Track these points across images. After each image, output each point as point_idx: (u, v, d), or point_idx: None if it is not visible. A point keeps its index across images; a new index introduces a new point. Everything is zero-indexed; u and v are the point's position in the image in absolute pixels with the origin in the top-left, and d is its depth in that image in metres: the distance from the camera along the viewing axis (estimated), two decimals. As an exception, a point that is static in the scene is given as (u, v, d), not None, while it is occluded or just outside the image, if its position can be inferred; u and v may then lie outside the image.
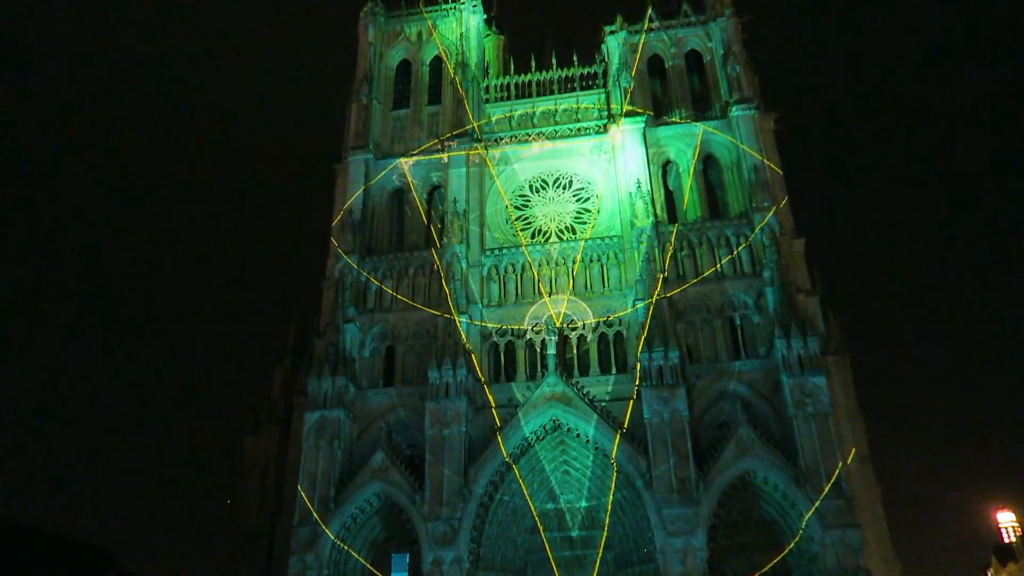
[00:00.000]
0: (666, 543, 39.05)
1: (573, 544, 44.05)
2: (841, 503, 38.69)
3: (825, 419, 40.64)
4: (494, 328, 48.52)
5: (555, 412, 43.47)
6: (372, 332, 49.67)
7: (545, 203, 54.08)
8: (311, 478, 43.72)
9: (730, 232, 48.55)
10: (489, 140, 55.22)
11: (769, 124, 52.26)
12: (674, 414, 41.53)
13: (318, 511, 42.64)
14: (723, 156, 52.40)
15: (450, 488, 42.06)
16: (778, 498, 40.72)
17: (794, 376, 41.61)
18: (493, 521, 43.16)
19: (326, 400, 45.50)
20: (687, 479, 40.15)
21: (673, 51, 57.08)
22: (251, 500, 52.43)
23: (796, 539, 39.89)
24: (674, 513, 39.55)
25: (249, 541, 50.86)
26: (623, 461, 41.66)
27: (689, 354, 45.35)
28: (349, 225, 52.15)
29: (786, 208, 48.93)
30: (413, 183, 55.01)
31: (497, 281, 50.21)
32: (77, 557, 47.28)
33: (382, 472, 43.31)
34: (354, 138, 56.35)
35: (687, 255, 48.43)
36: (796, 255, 47.71)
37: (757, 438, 40.74)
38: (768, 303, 44.82)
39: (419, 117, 58.28)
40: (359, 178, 54.49)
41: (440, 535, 41.16)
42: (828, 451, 39.82)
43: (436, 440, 43.27)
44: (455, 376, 44.61)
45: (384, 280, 51.20)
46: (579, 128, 54.87)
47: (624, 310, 47.19)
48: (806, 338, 42.24)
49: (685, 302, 46.88)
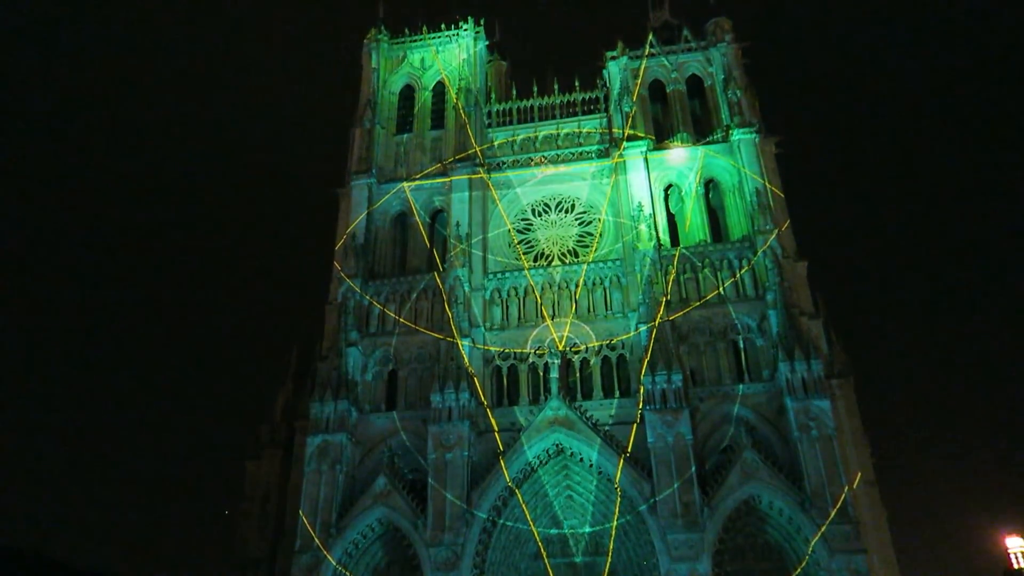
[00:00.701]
0: (671, 569, 38.68)
1: (577, 570, 43.62)
2: (847, 528, 38.33)
3: (830, 443, 40.39)
4: (497, 352, 48.45)
5: (558, 436, 43.27)
6: (375, 356, 49.63)
7: (547, 227, 54.26)
8: (313, 503, 43.48)
9: (732, 255, 48.60)
10: (492, 164, 55.54)
11: (770, 147, 52.54)
12: (678, 438, 41.31)
13: (320, 536, 42.36)
14: (725, 180, 52.64)
15: (453, 513, 41.79)
16: (783, 523, 40.35)
17: (798, 399, 41.42)
18: (496, 546, 42.79)
19: (328, 424, 45.38)
20: (691, 504, 39.84)
21: (674, 76, 57.54)
22: (252, 525, 52.09)
23: (802, 565, 39.46)
24: (679, 538, 39.20)
25: (250, 566, 50.44)
26: (627, 485, 41.39)
27: (692, 377, 45.21)
28: (352, 249, 52.35)
29: (788, 231, 49.04)
30: (416, 207, 55.28)
31: (500, 304, 50.23)
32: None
33: (384, 497, 43.07)
34: (357, 163, 56.75)
35: (690, 278, 48.43)
36: (799, 278, 47.71)
37: (762, 462, 40.47)
38: (771, 326, 44.74)
39: (422, 142, 58.72)
40: (362, 202, 54.80)
41: (443, 560, 40.82)
42: (833, 475, 39.52)
43: (439, 464, 43.06)
44: (458, 400, 44.49)
45: (387, 304, 51.26)
46: (581, 152, 55.21)
47: (627, 333, 47.12)
48: (810, 361, 42.09)
49: (688, 325, 46.82)
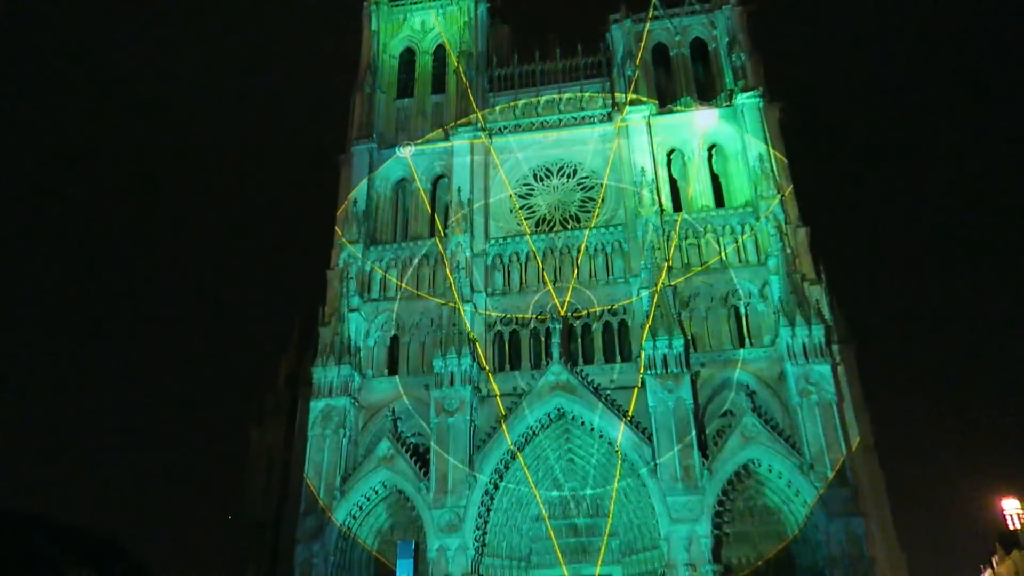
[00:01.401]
0: (671, 530, 39.18)
1: (578, 531, 44.24)
2: (846, 492, 38.74)
3: (830, 408, 40.66)
4: (498, 317, 48.56)
5: (560, 401, 43.56)
6: (376, 322, 49.80)
7: (549, 192, 54.05)
8: (317, 467, 43.94)
9: (735, 221, 48.47)
10: (493, 129, 55.09)
11: (775, 113, 52.04)
12: (679, 402, 41.58)
13: (324, 500, 42.89)
14: (728, 145, 52.22)
15: (455, 476, 42.22)
16: (782, 486, 40.79)
17: (799, 365, 41.60)
18: (498, 509, 43.35)
19: (331, 389, 45.69)
20: (691, 467, 40.23)
21: (678, 40, 56.81)
22: (257, 489, 52.79)
23: (800, 527, 40.03)
24: (679, 501, 39.65)
25: (255, 530, 51.22)
26: (628, 449, 41.77)
27: (694, 343, 45.35)
28: (353, 215, 52.24)
29: (791, 197, 48.82)
30: (417, 173, 55.02)
31: (501, 270, 50.21)
32: (88, 545, 47.63)
33: (388, 461, 43.50)
34: (358, 128, 56.34)
35: (692, 244, 48.34)
36: (801, 244, 47.61)
37: (762, 427, 40.78)
38: (773, 292, 44.78)
39: (423, 107, 58.23)
40: (363, 168, 54.53)
41: (445, 523, 41.36)
42: (833, 440, 39.84)
43: (441, 429, 43.43)
44: (460, 365, 44.70)
45: (388, 270, 51.30)
46: (583, 117, 54.68)
47: (629, 299, 47.16)
48: (811, 327, 42.19)
49: (690, 291, 46.86)
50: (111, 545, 51.20)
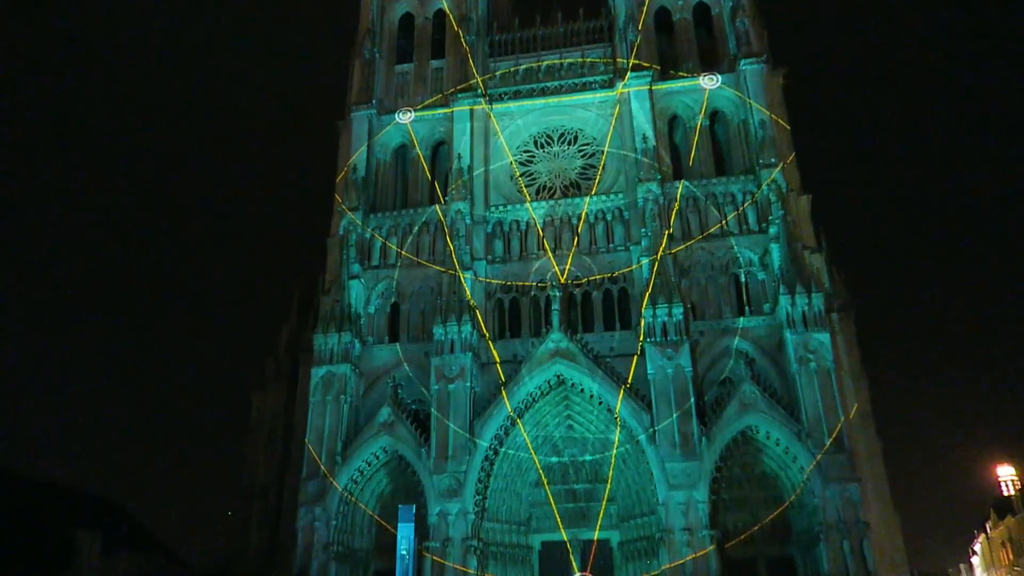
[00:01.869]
0: (668, 496, 39.63)
1: (577, 497, 44.74)
2: (842, 458, 39.08)
3: (828, 376, 40.84)
4: (499, 285, 48.56)
5: (559, 368, 43.77)
6: (377, 289, 49.84)
7: (550, 159, 53.73)
8: (318, 433, 44.30)
9: (736, 189, 48.22)
10: (494, 95, 54.55)
11: (778, 79, 51.55)
12: (678, 370, 41.78)
13: (326, 465, 43.32)
14: (730, 112, 51.75)
15: (456, 442, 42.59)
16: (780, 453, 41.15)
17: (798, 333, 41.70)
18: (498, 475, 43.79)
19: (332, 356, 45.86)
20: (690, 434, 40.56)
21: (680, 4, 55.94)
22: (259, 454, 53.27)
23: (797, 493, 40.46)
24: (676, 467, 40.04)
25: (258, 494, 51.80)
26: (627, 416, 42.06)
27: (693, 311, 45.42)
28: (353, 182, 52.00)
29: (793, 164, 48.56)
30: (417, 139, 54.60)
31: (501, 238, 50.10)
32: (92, 509, 48.16)
33: (388, 427, 43.86)
34: (357, 94, 55.80)
35: (693, 212, 48.14)
36: (802, 212, 47.49)
37: (760, 394, 41.01)
38: (773, 260, 44.72)
39: (423, 72, 57.58)
40: (362, 135, 54.12)
41: (446, 488, 41.83)
42: (830, 407, 40.08)
43: (442, 395, 43.70)
44: (460, 332, 44.82)
45: (388, 237, 51.19)
46: (585, 83, 54.10)
47: (629, 267, 47.15)
48: (811, 295, 42.21)
49: (690, 259, 46.82)
50: (116, 509, 51.80)
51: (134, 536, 49.10)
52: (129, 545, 45.81)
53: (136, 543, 47.96)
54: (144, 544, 49.81)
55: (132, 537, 48.21)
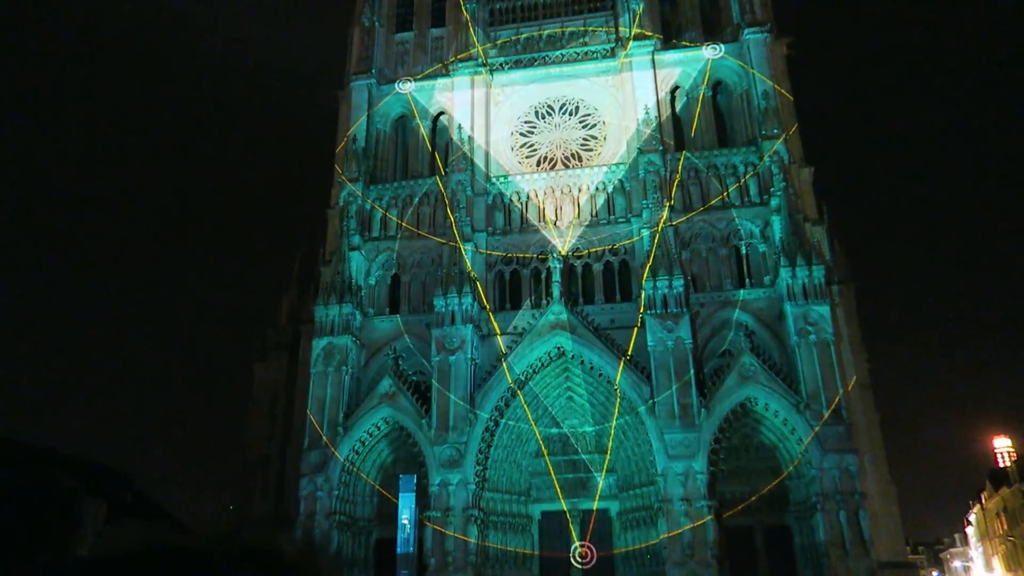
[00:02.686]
0: (668, 466, 39.91)
1: (577, 467, 45.05)
2: (840, 429, 39.33)
3: (827, 347, 40.93)
4: (499, 256, 48.48)
5: (560, 340, 43.84)
6: (377, 260, 49.78)
7: (551, 129, 53.32)
8: (320, 403, 44.51)
9: (738, 160, 47.95)
10: (494, 65, 53.96)
11: (781, 49, 50.95)
12: (677, 342, 41.85)
13: (327, 435, 43.59)
14: (733, 82, 51.26)
15: (457, 413, 42.81)
16: (778, 424, 41.38)
17: (798, 305, 41.71)
18: (498, 445, 44.10)
19: (333, 327, 45.92)
20: (689, 405, 40.75)
21: (684, -28, 55.08)
22: (261, 424, 53.64)
23: (795, 463, 40.77)
24: (676, 438, 40.29)
25: (260, 464, 52.23)
26: (626, 387, 42.23)
27: (694, 283, 45.40)
28: (353, 153, 51.65)
29: (796, 136, 48.21)
30: (417, 110, 54.15)
31: (502, 209, 49.90)
32: (97, 477, 48.50)
33: (390, 397, 44.06)
34: (357, 63, 55.24)
35: (694, 183, 47.93)
36: (804, 184, 47.25)
37: (759, 366, 41.12)
38: (774, 232, 44.59)
39: (423, 41, 56.92)
40: (362, 104, 53.67)
41: (447, 458, 42.13)
42: (830, 379, 40.24)
43: (442, 366, 43.82)
44: (460, 304, 44.83)
45: (389, 208, 51.00)
46: (586, 52, 53.47)
47: (630, 239, 47.02)
48: (811, 267, 42.16)
49: (691, 231, 46.72)
50: (117, 476, 52.20)
51: (138, 504, 49.55)
52: (133, 513, 46.24)
53: (141, 511, 48.41)
54: (149, 512, 50.30)
55: (136, 505, 48.65)
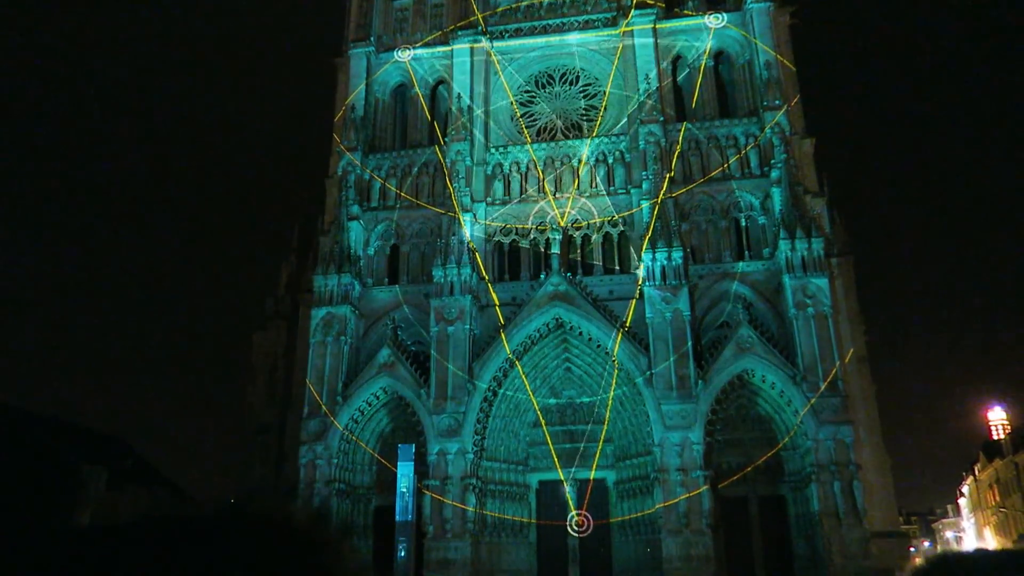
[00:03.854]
0: (664, 437, 40.23)
1: (574, 437, 45.40)
2: (836, 401, 39.59)
3: (825, 320, 41.03)
4: (499, 227, 48.38)
5: (558, 311, 43.92)
6: (376, 230, 49.67)
7: (551, 99, 52.90)
8: (319, 372, 44.73)
9: (739, 131, 47.64)
10: (494, 33, 53.37)
11: (785, 19, 50.36)
12: (676, 313, 41.94)
13: (326, 404, 43.87)
14: (735, 52, 50.74)
15: (455, 383, 43.04)
16: (775, 396, 41.64)
17: (797, 277, 41.73)
18: (496, 415, 44.40)
19: (332, 297, 45.99)
20: (686, 377, 40.96)
21: (687, -62, 54.25)
22: (260, 393, 53.89)
23: (791, 434, 41.11)
24: (673, 409, 40.56)
25: (261, 432, 52.58)
26: (624, 359, 42.41)
27: (693, 254, 45.38)
28: (351, 121, 51.25)
29: (798, 107, 47.87)
30: (416, 78, 53.62)
31: (502, 179, 49.68)
32: (97, 445, 48.78)
33: (389, 367, 44.26)
34: (355, 30, 54.60)
35: (695, 154, 47.68)
36: (805, 155, 47.03)
37: (757, 338, 41.27)
38: (774, 204, 44.43)
39: (422, 8, 56.18)
40: (361, 73, 53.13)
41: (445, 428, 42.46)
42: (827, 351, 40.40)
43: (441, 337, 43.96)
44: (459, 274, 44.84)
45: (388, 178, 50.77)
46: (587, 21, 52.88)
47: (630, 210, 46.89)
48: (811, 239, 42.10)
49: (691, 202, 46.57)
50: (119, 444, 52.52)
51: (139, 471, 49.90)
52: (135, 480, 46.61)
53: (142, 478, 48.79)
54: (150, 479, 50.70)
55: (137, 472, 48.99)
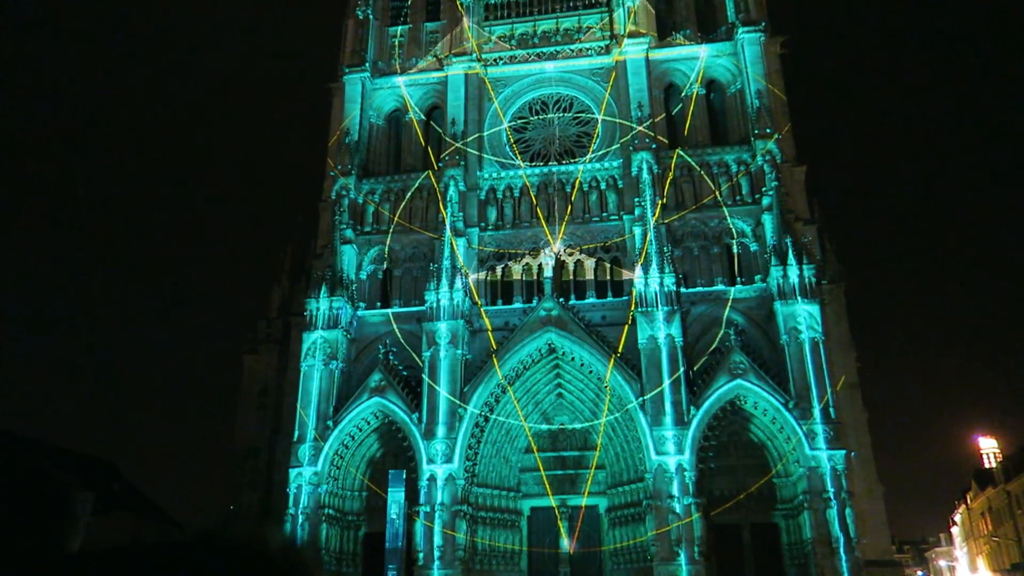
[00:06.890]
0: (656, 464, 40.00)
1: (566, 463, 45.17)
2: (829, 427, 39.49)
3: (817, 346, 41.11)
4: (491, 251, 48.48)
5: (551, 336, 43.88)
6: (369, 254, 49.68)
7: (545, 125, 53.26)
8: (309, 397, 44.41)
9: (731, 158, 48.04)
10: (489, 60, 53.87)
11: (775, 48, 51.00)
12: (668, 339, 41.93)
13: (317, 428, 43.51)
14: (727, 80, 51.32)
15: (446, 408, 42.81)
16: (767, 422, 41.57)
17: (788, 304, 41.87)
18: (488, 440, 44.14)
19: (324, 321, 45.82)
20: (679, 403, 40.87)
21: (679, -31, 55.06)
22: (251, 416, 53.49)
23: (783, 461, 40.98)
24: (665, 435, 40.39)
25: (250, 456, 52.10)
26: (616, 384, 42.33)
27: (685, 280, 45.47)
28: (346, 146, 51.48)
29: (789, 135, 48.32)
30: (411, 103, 54.00)
31: (495, 205, 49.87)
32: (85, 469, 48.30)
33: (380, 391, 44.03)
34: (350, 56, 55.01)
35: (687, 181, 47.99)
36: (796, 183, 47.40)
37: (749, 364, 41.27)
38: (766, 231, 44.71)
39: (417, 35, 56.78)
40: (356, 98, 53.47)
41: (436, 453, 42.11)
42: (819, 377, 40.41)
43: (433, 361, 43.79)
44: (452, 299, 44.80)
45: (381, 202, 50.89)
46: (581, 49, 53.42)
47: (622, 236, 47.08)
48: (802, 266, 42.30)
49: (683, 228, 46.80)
50: (106, 468, 51.98)
51: (127, 496, 49.37)
52: (121, 504, 46.11)
53: (129, 503, 48.27)
54: (137, 504, 50.14)
55: (124, 496, 48.48)
